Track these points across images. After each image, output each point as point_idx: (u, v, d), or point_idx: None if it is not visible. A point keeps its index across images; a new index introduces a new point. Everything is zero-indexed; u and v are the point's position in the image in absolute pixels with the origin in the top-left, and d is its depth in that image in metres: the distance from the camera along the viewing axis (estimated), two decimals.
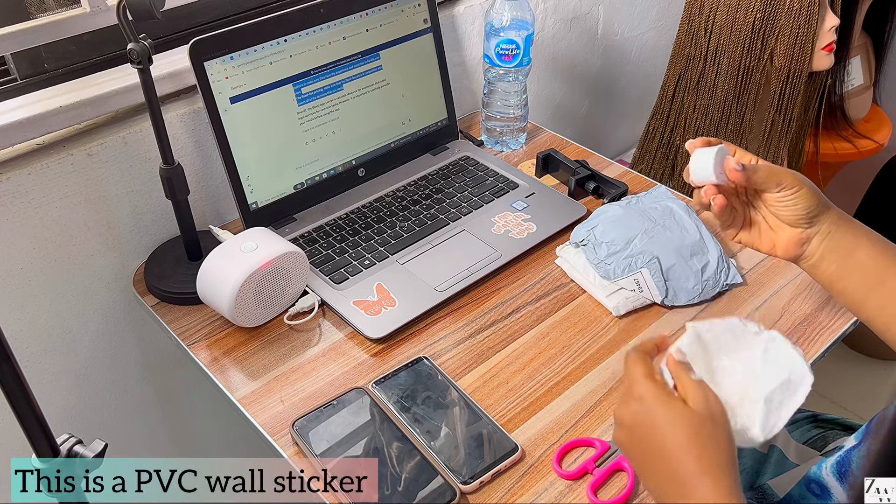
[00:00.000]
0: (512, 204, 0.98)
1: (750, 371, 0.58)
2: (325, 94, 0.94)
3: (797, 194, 0.68)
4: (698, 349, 0.59)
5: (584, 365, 0.77)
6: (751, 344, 0.60)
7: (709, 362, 0.59)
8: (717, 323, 0.60)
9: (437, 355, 0.79)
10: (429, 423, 0.71)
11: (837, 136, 1.55)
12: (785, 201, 0.68)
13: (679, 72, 1.21)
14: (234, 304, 0.77)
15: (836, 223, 0.69)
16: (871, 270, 0.69)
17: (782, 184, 0.68)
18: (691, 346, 0.59)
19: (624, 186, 0.99)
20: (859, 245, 0.69)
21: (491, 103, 1.09)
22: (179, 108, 0.90)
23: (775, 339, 0.59)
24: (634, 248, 0.84)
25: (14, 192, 0.80)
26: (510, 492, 0.66)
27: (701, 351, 0.59)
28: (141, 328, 0.97)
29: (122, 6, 0.72)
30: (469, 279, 0.86)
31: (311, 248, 0.90)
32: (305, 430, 0.70)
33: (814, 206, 0.68)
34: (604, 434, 0.70)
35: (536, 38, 1.27)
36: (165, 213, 0.92)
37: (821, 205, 0.69)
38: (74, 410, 0.96)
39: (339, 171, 0.98)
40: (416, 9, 1.00)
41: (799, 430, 0.89)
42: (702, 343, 0.59)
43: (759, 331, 0.60)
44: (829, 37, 1.11)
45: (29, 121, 0.79)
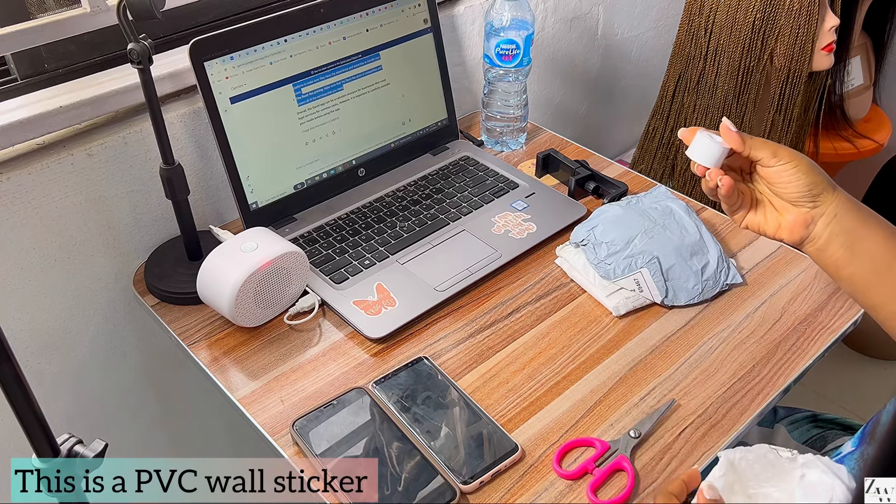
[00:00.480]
0: (512, 204, 0.98)
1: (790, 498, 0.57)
2: (325, 94, 0.94)
3: (796, 168, 0.67)
4: (734, 477, 0.57)
5: (584, 365, 0.78)
6: (787, 470, 0.58)
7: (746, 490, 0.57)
8: (749, 450, 0.59)
9: (437, 355, 0.79)
10: (429, 423, 0.71)
11: (837, 136, 1.55)
12: (784, 175, 0.67)
13: (679, 72, 1.21)
14: (235, 304, 0.77)
15: (843, 206, 0.68)
16: (880, 257, 0.67)
17: (778, 155, 0.67)
18: (726, 475, 0.57)
19: (624, 186, 0.99)
20: (868, 230, 0.67)
21: (491, 103, 1.09)
22: (179, 108, 0.90)
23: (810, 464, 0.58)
24: (634, 248, 0.84)
25: (14, 192, 0.80)
26: (510, 492, 0.66)
27: (737, 479, 0.57)
28: (141, 328, 0.97)
29: (122, 6, 0.72)
30: (469, 279, 0.86)
31: (311, 248, 0.90)
32: (305, 430, 0.70)
33: (815, 182, 0.67)
34: (604, 434, 0.71)
35: (536, 38, 1.27)
36: (165, 213, 0.92)
37: (824, 183, 0.67)
38: (74, 410, 0.96)
39: (339, 171, 0.98)
40: (416, 9, 1.00)
41: (799, 430, 0.89)
42: (737, 471, 0.58)
43: (793, 456, 0.58)
44: (829, 37, 1.11)
45: (29, 121, 0.79)
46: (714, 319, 0.82)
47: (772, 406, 0.74)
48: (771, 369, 0.76)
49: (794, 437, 0.89)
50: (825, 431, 0.88)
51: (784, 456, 0.58)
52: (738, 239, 0.93)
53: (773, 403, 0.74)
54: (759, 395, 0.74)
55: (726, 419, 0.72)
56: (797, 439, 0.89)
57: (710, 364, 0.77)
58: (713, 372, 0.76)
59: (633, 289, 0.83)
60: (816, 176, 0.67)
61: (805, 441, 0.88)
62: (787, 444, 0.88)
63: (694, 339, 0.80)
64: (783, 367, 0.77)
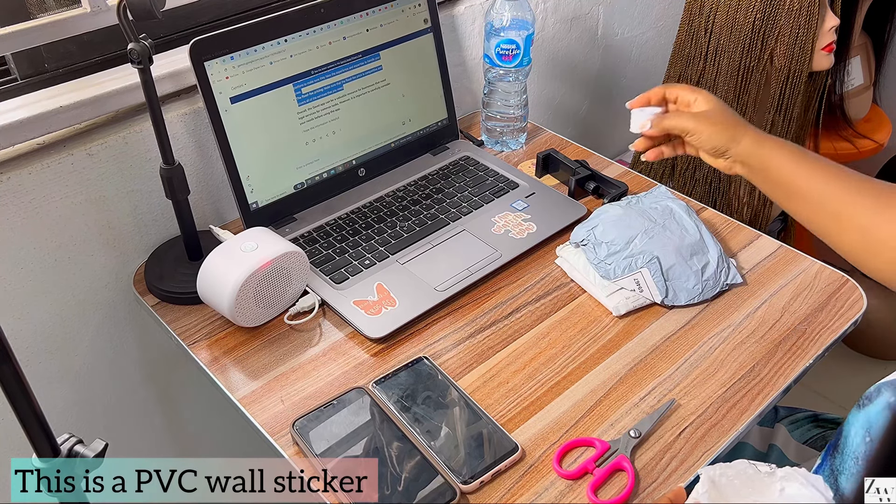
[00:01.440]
0: (512, 204, 0.98)
1: None
2: (325, 94, 0.94)
3: (702, 136, 0.79)
4: (716, 495, 0.58)
5: (584, 365, 0.78)
6: (767, 485, 0.59)
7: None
8: (729, 466, 0.60)
9: (437, 355, 0.79)
10: (429, 423, 0.71)
11: (837, 136, 1.55)
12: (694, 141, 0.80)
13: (679, 72, 1.21)
14: (235, 303, 0.77)
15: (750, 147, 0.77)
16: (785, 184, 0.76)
17: (687, 130, 0.80)
18: (709, 492, 0.58)
19: (624, 186, 0.99)
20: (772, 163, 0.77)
21: (491, 103, 1.09)
22: (179, 108, 0.90)
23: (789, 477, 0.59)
24: (634, 248, 0.84)
25: (14, 192, 0.80)
26: (510, 492, 0.66)
27: (719, 496, 0.58)
28: (141, 328, 0.97)
29: (122, 6, 0.72)
30: (469, 279, 0.86)
31: (311, 247, 0.90)
32: (305, 430, 0.70)
33: (721, 144, 0.78)
34: (604, 434, 0.71)
35: (536, 38, 1.27)
36: (165, 213, 0.92)
37: (730, 140, 0.78)
38: (74, 410, 0.96)
39: (340, 171, 0.98)
40: (416, 9, 1.00)
41: (799, 430, 0.89)
42: (718, 488, 0.59)
43: (772, 471, 0.59)
44: (829, 37, 1.11)
45: (29, 121, 0.79)
46: (714, 319, 0.82)
47: (772, 406, 0.74)
48: (771, 369, 0.76)
49: (795, 436, 0.89)
50: (825, 431, 0.88)
51: (763, 471, 0.59)
52: (738, 239, 0.93)
53: (774, 403, 0.74)
54: (759, 395, 0.74)
55: (726, 419, 0.72)
56: (797, 439, 0.89)
57: (710, 364, 0.77)
58: (713, 372, 0.76)
59: (633, 289, 0.83)
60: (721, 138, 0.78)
61: (805, 441, 0.88)
62: (788, 443, 0.88)
63: (694, 339, 0.80)
64: (783, 367, 0.77)
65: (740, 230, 0.94)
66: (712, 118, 0.79)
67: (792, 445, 0.87)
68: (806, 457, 0.86)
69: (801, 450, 0.87)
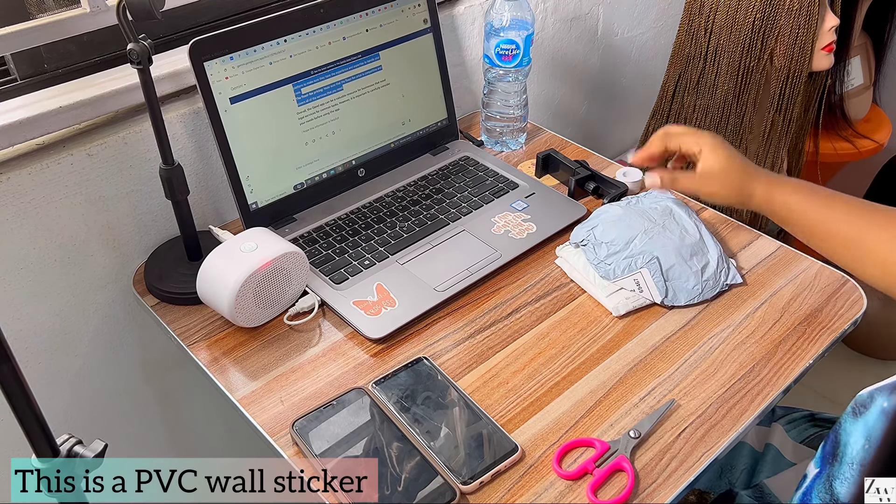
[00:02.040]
0: (512, 204, 0.98)
1: None
2: (324, 95, 0.94)
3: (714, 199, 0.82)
4: None
5: (584, 365, 0.78)
6: None
7: None
8: None
9: (437, 355, 0.79)
10: (429, 424, 0.71)
11: (837, 136, 1.55)
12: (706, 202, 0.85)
13: (679, 72, 1.21)
14: (234, 304, 0.77)
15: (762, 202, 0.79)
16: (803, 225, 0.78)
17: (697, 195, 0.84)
18: None
19: (624, 186, 0.99)
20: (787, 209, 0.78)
21: (491, 103, 1.09)
22: (179, 108, 0.90)
23: None
24: (634, 248, 0.84)
25: (14, 192, 0.80)
26: (510, 492, 0.66)
27: None
28: (141, 328, 0.97)
29: (122, 6, 0.72)
30: (469, 279, 0.86)
31: (311, 248, 0.90)
32: (305, 430, 0.70)
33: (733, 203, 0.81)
34: (604, 434, 0.70)
35: (536, 38, 1.27)
36: (165, 213, 0.92)
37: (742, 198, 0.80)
38: (74, 410, 0.96)
39: (339, 172, 0.98)
40: (415, 9, 1.00)
41: (796, 430, 0.89)
42: None
43: None
44: (829, 37, 1.11)
45: (29, 121, 0.79)
46: (714, 319, 0.82)
47: (772, 406, 0.74)
48: (771, 369, 0.76)
49: (792, 436, 0.89)
50: (823, 430, 0.88)
51: None
52: (738, 239, 0.93)
53: (774, 403, 0.74)
54: (759, 395, 0.74)
55: (726, 419, 0.72)
56: (794, 438, 0.89)
57: (710, 364, 0.77)
58: (713, 372, 0.76)
59: (633, 289, 0.83)
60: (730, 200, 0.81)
61: (802, 440, 0.88)
62: (785, 442, 0.88)
63: (694, 339, 0.80)
64: (783, 367, 0.77)
65: (740, 230, 0.94)
66: (720, 179, 0.80)
67: (789, 445, 0.88)
68: (803, 456, 0.86)
69: (797, 449, 0.87)
